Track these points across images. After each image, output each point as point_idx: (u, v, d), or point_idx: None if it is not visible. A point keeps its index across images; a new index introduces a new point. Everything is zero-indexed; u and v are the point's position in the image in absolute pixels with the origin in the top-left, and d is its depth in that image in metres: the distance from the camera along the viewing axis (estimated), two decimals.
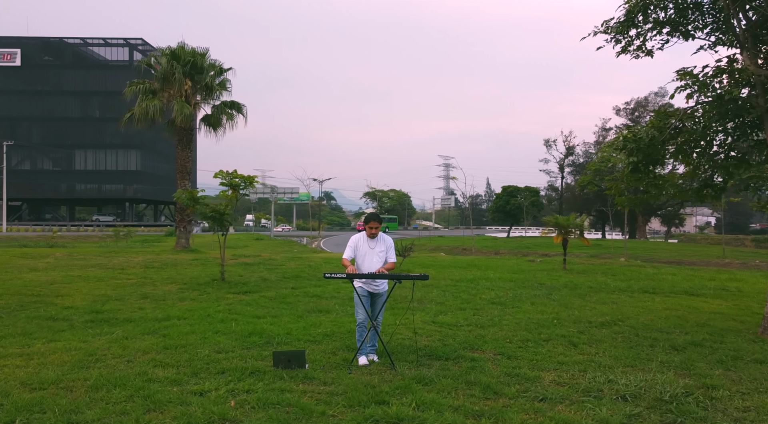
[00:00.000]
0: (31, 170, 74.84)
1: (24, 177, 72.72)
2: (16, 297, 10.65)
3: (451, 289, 12.61)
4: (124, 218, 74.23)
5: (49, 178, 74.64)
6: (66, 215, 79.82)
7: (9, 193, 61.34)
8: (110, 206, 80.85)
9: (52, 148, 73.30)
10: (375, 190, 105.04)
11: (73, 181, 75.09)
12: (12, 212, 72.16)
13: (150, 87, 20.74)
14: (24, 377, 5.11)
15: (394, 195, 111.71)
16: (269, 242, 41.31)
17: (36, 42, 75.17)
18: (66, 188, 75.60)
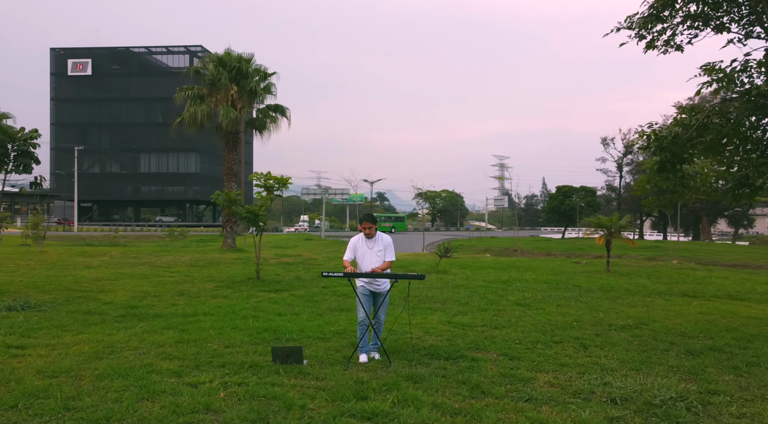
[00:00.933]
0: (100, 173, 79.09)
1: (94, 180, 76.97)
2: (65, 292, 11.37)
3: (480, 290, 12.54)
4: (184, 219, 77.27)
5: (117, 180, 78.64)
6: (132, 215, 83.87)
7: (81, 195, 65.01)
8: (172, 207, 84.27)
9: (119, 153, 77.21)
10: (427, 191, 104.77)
11: (138, 183, 78.83)
12: (84, 213, 76.45)
13: (198, 92, 21.61)
14: (41, 365, 5.53)
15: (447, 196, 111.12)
16: (318, 243, 41.96)
17: (105, 52, 79.39)
18: (132, 190, 79.46)
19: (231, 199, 13.31)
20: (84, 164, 75.28)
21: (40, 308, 9.36)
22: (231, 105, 21.11)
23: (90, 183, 74.55)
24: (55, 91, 79.52)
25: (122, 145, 76.08)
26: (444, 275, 16.05)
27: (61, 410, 4.28)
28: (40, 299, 10.42)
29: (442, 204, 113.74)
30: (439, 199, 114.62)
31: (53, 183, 79.28)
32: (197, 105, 21.20)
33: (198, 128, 22.14)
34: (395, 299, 11.07)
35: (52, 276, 13.92)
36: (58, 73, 79.21)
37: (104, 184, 77.49)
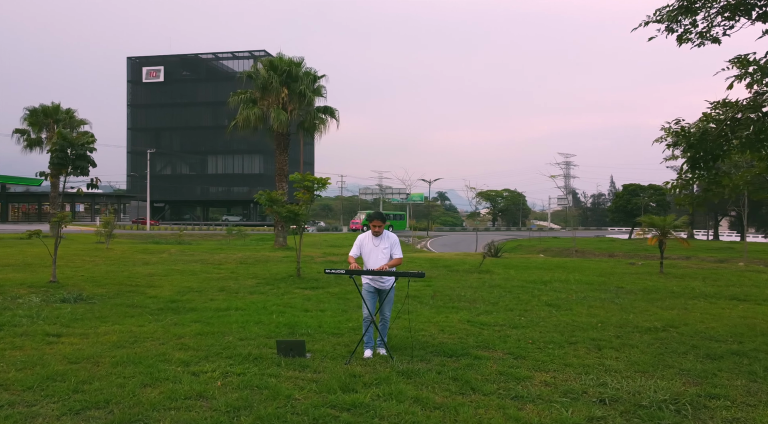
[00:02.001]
0: (171, 175, 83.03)
1: (166, 181, 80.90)
2: (117, 287, 12.16)
3: (516, 290, 12.42)
4: (249, 218, 79.91)
5: (187, 181, 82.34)
6: (201, 215, 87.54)
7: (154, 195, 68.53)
8: (238, 207, 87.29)
9: (189, 155, 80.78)
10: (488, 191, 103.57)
11: (206, 184, 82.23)
12: (156, 213, 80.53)
13: (251, 96, 22.42)
14: (68, 352, 6.03)
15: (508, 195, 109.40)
16: None
17: (176, 59, 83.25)
18: (200, 191, 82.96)
19: (272, 199, 13.79)
20: (157, 166, 79.23)
21: (90, 301, 10.07)
22: (282, 108, 21.79)
23: (162, 184, 78.42)
24: (131, 97, 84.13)
25: (191, 147, 79.58)
26: (485, 274, 15.95)
27: (70, 392, 4.69)
28: (94, 292, 11.20)
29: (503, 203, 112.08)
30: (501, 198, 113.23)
31: (129, 184, 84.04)
32: (250, 108, 22.01)
33: (251, 131, 22.99)
34: (425, 297, 11.18)
35: (111, 271, 14.90)
36: (133, 80, 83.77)
37: (175, 185, 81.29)
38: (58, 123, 35.26)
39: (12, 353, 5.96)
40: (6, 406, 4.36)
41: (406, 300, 9.05)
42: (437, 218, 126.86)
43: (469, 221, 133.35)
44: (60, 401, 4.48)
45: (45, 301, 9.86)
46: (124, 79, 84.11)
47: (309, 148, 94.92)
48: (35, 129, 35.39)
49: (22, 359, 5.73)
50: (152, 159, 71.82)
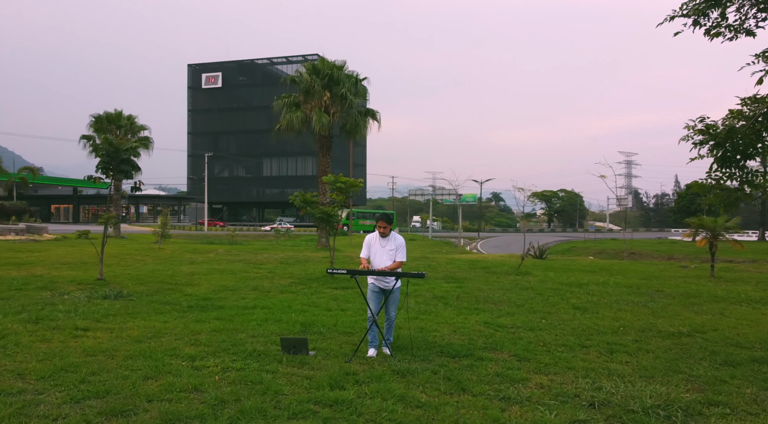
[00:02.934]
0: (229, 177, 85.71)
1: (224, 183, 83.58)
2: (158, 285, 12.73)
3: (547, 292, 12.22)
4: (303, 219, 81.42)
5: (243, 184, 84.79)
6: (257, 216, 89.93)
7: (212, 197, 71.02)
8: (292, 208, 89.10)
9: (245, 158, 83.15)
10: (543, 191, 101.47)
11: (262, 186, 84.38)
12: (214, 214, 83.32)
13: (294, 100, 22.95)
14: (89, 345, 6.42)
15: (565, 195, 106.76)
16: (421, 243, 42.44)
17: (233, 65, 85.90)
18: (256, 193, 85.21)
19: (306, 200, 14.10)
20: (215, 169, 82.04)
21: (129, 298, 10.60)
22: (324, 111, 22.19)
23: (220, 186, 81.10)
24: (191, 103, 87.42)
25: (247, 150, 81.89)
26: (523, 276, 15.74)
27: (77, 382, 5.02)
28: (135, 289, 11.78)
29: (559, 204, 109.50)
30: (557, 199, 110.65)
31: (189, 187, 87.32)
32: (293, 112, 22.53)
33: (296, 134, 23.53)
34: (450, 298, 11.16)
35: (156, 270, 15.60)
36: (194, 86, 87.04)
37: (232, 187, 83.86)
38: (120, 129, 37.08)
39: (39, 345, 6.40)
40: (16, 393, 4.72)
41: (406, 300, 9.11)
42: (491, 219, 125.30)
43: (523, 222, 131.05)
44: (65, 391, 4.81)
45: (89, 297, 10.45)
46: (185, 86, 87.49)
47: (361, 150, 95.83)
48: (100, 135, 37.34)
49: (45, 350, 6.15)
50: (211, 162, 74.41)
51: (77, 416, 4.23)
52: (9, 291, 11.09)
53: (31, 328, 7.35)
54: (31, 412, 4.28)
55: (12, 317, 8.12)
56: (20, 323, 7.62)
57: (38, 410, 4.34)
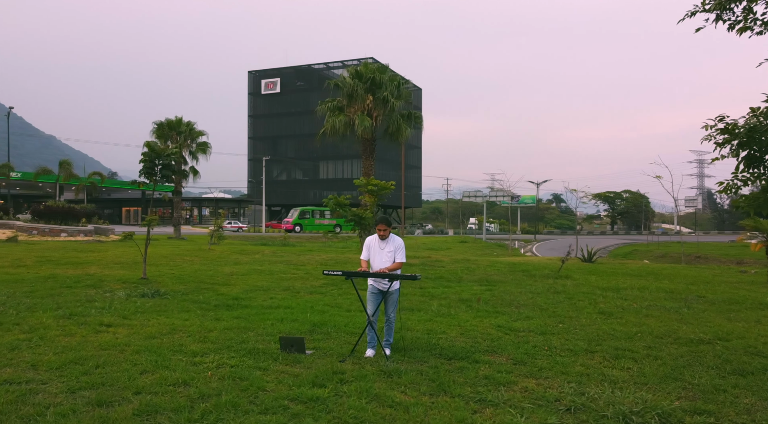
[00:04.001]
0: (287, 180, 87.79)
1: (282, 186, 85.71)
2: (196, 284, 13.30)
3: (579, 296, 11.95)
4: None
5: (301, 186, 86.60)
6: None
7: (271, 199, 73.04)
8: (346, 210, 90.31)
9: (303, 161, 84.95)
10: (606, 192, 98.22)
11: (319, 189, 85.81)
12: (273, 216, 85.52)
13: (338, 104, 23.31)
14: (106, 340, 6.84)
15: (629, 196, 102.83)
16: (473, 245, 42.01)
17: (291, 71, 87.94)
18: (313, 195, 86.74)
19: (339, 203, 14.36)
20: (274, 172, 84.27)
21: (164, 296, 11.13)
22: (366, 114, 22.44)
23: (279, 189, 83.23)
24: (252, 108, 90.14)
25: (305, 154, 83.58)
26: (561, 280, 15.41)
27: (80, 374, 5.39)
28: (173, 288, 12.35)
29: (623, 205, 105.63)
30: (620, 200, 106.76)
31: (250, 189, 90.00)
32: (336, 116, 22.89)
33: (339, 138, 23.88)
34: (473, 301, 11.09)
35: (198, 270, 16.27)
36: (254, 92, 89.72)
37: (291, 190, 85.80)
38: (180, 135, 38.77)
39: (61, 339, 6.88)
40: (23, 382, 5.13)
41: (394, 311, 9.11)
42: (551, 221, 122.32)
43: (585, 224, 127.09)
44: (67, 382, 5.17)
45: (128, 295, 11.05)
46: (245, 92, 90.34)
47: (416, 152, 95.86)
48: (162, 141, 39.09)
49: (65, 344, 6.61)
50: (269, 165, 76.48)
51: (67, 405, 4.56)
52: (60, 288, 11.89)
53: (63, 323, 7.89)
54: (28, 400, 4.65)
55: (50, 312, 8.74)
56: (55, 318, 8.19)
57: (35, 398, 4.71)
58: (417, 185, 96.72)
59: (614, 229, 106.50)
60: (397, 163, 74.36)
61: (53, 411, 4.37)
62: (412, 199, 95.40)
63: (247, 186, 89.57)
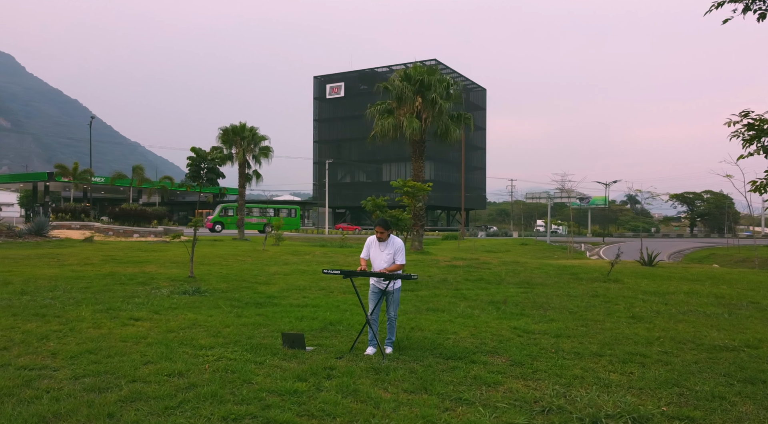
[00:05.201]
0: (351, 183, 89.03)
1: (346, 189, 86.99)
2: (237, 283, 13.83)
3: (617, 300, 11.57)
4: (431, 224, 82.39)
5: (364, 189, 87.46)
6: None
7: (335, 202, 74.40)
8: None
9: (366, 164, 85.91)
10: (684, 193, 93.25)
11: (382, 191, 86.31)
12: (338, 218, 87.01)
13: (388, 107, 23.54)
14: (128, 333, 7.29)
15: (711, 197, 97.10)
16: (533, 247, 41.09)
17: (355, 75, 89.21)
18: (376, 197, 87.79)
19: (377, 204, 14.53)
20: (338, 175, 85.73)
21: (203, 294, 11.65)
22: (416, 116, 22.53)
23: (344, 191, 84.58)
24: (317, 113, 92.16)
25: (368, 156, 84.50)
26: (607, 283, 14.91)
27: (90, 363, 5.80)
28: (215, 286, 12.91)
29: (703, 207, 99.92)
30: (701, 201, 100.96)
31: (315, 192, 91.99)
32: (385, 118, 23.14)
33: (389, 140, 24.10)
34: (507, 303, 10.94)
35: (245, 270, 16.89)
36: (319, 97, 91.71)
37: (355, 192, 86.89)
38: (243, 140, 40.22)
39: (89, 331, 7.41)
40: (37, 369, 5.59)
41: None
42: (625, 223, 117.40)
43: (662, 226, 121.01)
44: (75, 369, 5.59)
45: (171, 292, 11.66)
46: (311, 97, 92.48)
47: (480, 153, 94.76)
48: (227, 146, 40.74)
49: (90, 335, 7.11)
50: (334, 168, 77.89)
51: (66, 390, 4.95)
52: (113, 285, 12.71)
53: (98, 316, 8.47)
54: (33, 385, 5.07)
55: (91, 306, 9.39)
56: (93, 312, 8.81)
57: (41, 383, 5.13)
58: (481, 187, 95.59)
59: (693, 231, 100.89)
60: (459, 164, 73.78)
61: (50, 395, 4.76)
62: (476, 200, 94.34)
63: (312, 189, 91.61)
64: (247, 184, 41.52)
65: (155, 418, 4.31)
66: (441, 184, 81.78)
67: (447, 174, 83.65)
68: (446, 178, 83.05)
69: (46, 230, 30.00)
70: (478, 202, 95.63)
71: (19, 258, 18.80)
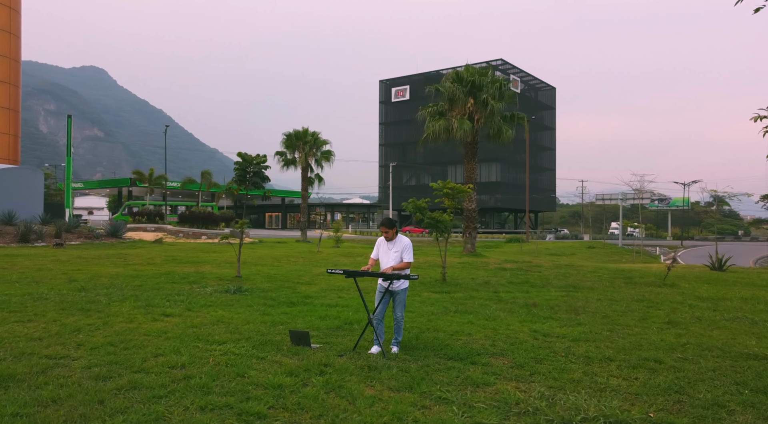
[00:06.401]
0: (416, 185, 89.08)
1: (412, 191, 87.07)
2: (280, 283, 14.24)
3: (664, 306, 11.10)
4: (487, 226, 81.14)
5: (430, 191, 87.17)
6: None
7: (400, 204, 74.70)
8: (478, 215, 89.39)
9: (431, 166, 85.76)
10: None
11: None
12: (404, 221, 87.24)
13: (439, 109, 23.47)
14: (154, 328, 7.69)
15: None
16: (599, 251, 39.57)
17: (420, 77, 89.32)
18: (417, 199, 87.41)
19: (418, 206, 14.55)
20: (403, 178, 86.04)
21: (244, 293, 12.10)
22: (468, 117, 22.34)
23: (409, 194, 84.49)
24: (383, 116, 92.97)
25: (433, 159, 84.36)
26: (662, 288, 14.27)
27: (106, 355, 6.20)
28: (258, 286, 13.37)
29: None
30: None
31: (381, 195, 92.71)
32: (436, 120, 23.07)
33: (441, 142, 24.02)
34: (542, 307, 10.69)
35: (293, 271, 17.35)
36: (385, 101, 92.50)
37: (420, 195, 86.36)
38: (305, 144, 41.28)
39: (120, 325, 7.91)
40: (58, 358, 6.06)
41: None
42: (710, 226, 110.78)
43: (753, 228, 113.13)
44: (90, 359, 6.01)
45: (214, 290, 12.19)
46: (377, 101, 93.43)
47: (549, 153, 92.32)
48: (290, 151, 41.95)
49: (119, 329, 7.60)
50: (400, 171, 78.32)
51: (75, 378, 5.35)
52: (165, 283, 13.44)
53: (134, 312, 9.02)
54: (49, 372, 5.51)
55: (134, 303, 10.00)
56: (132, 308, 9.39)
57: (56, 371, 5.56)
58: (550, 188, 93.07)
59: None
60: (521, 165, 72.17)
61: (57, 382, 5.16)
62: (546, 202, 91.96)
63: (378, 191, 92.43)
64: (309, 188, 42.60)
65: (140, 405, 4.60)
66: (508, 185, 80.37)
67: (514, 175, 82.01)
68: (514, 179, 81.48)
69: (122, 232, 32.01)
70: (547, 204, 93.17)
71: (91, 258, 20.21)
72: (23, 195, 30.75)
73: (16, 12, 32.56)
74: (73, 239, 28.06)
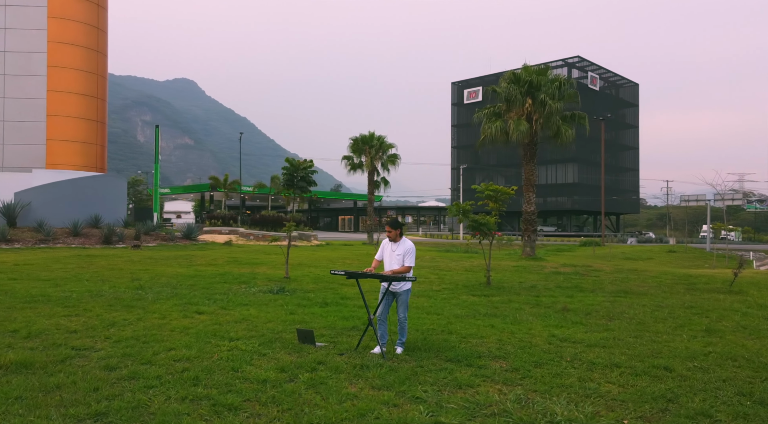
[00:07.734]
0: None
1: None
2: (325, 284, 14.58)
3: (710, 313, 10.58)
4: (565, 229, 78.61)
5: None
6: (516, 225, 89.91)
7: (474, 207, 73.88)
8: (553, 217, 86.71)
9: (505, 168, 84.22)
10: None
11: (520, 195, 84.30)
12: None
13: (497, 110, 23.12)
14: (182, 324, 8.15)
15: None
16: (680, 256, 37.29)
17: (492, 78, 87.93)
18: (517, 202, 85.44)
19: (462, 209, 14.46)
20: (476, 180, 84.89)
21: (285, 293, 12.49)
22: (525, 118, 21.87)
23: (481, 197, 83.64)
24: (455, 118, 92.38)
25: (506, 161, 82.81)
26: (727, 295, 13.43)
27: (126, 347, 6.66)
28: (302, 287, 13.77)
29: None
30: None
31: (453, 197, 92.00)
32: (492, 122, 22.75)
33: (498, 144, 23.65)
34: (578, 311, 10.36)
35: None
36: (457, 103, 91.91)
37: None
38: (371, 148, 41.86)
39: (153, 321, 8.46)
40: (83, 349, 6.59)
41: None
42: None
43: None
44: (109, 351, 6.51)
45: (258, 291, 12.69)
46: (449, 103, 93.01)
47: (632, 153, 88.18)
48: (357, 155, 42.69)
49: (150, 325, 8.14)
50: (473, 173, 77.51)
51: (89, 366, 5.83)
52: (216, 283, 14.13)
53: (171, 309, 9.58)
54: (69, 361, 6.03)
55: (176, 300, 10.63)
56: (171, 306, 9.98)
57: (75, 361, 6.08)
58: (633, 189, 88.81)
59: None
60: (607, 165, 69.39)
61: (69, 371, 5.66)
62: (628, 204, 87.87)
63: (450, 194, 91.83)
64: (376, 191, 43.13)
65: (129, 394, 4.96)
66: (586, 187, 77.55)
67: (593, 176, 78.93)
68: (593, 180, 78.43)
69: (196, 235, 33.79)
70: (630, 206, 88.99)
71: (160, 258, 21.52)
72: (109, 200, 33.18)
73: (104, 32, 35.26)
74: (150, 241, 29.96)
